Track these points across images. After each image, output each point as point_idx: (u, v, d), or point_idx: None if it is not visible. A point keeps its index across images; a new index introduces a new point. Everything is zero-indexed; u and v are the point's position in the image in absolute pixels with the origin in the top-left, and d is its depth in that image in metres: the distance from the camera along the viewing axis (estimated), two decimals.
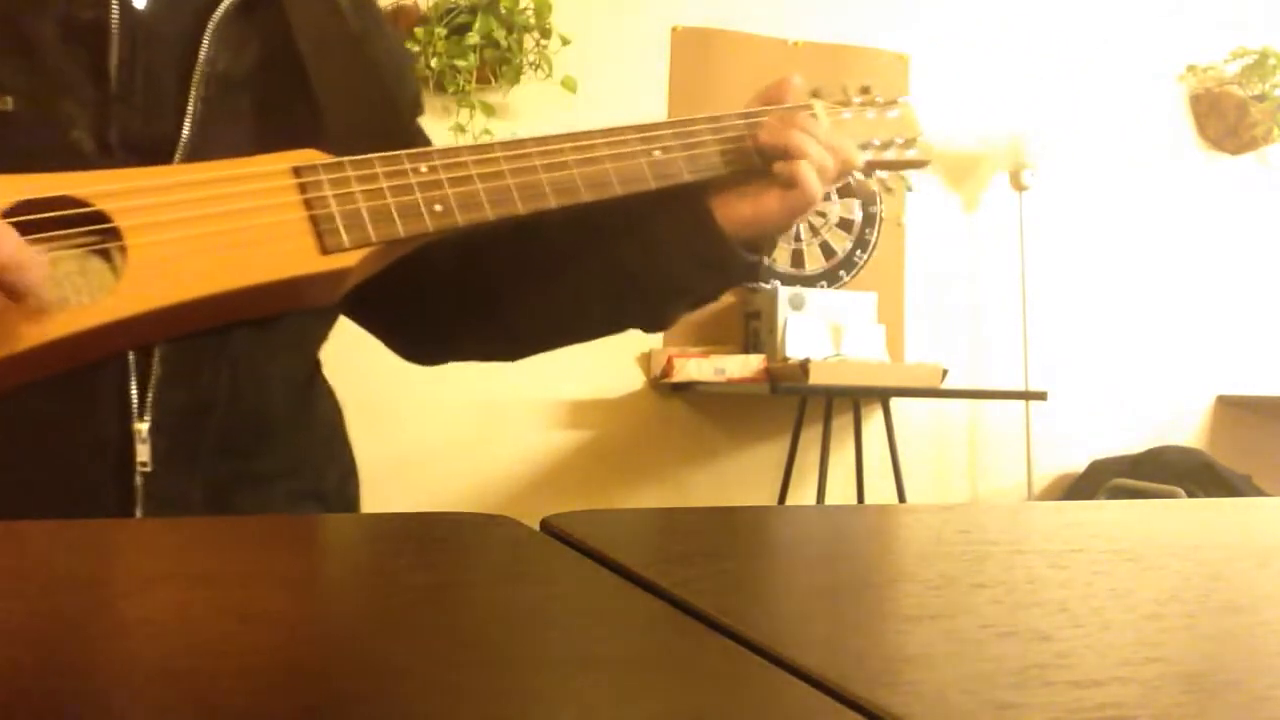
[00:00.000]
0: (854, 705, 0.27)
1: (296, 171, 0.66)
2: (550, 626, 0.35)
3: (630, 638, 0.35)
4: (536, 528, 0.48)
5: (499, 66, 2.76)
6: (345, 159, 0.67)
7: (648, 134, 0.79)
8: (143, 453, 0.69)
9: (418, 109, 0.92)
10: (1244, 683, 0.31)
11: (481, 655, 0.31)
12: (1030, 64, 3.37)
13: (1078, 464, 3.39)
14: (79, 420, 0.69)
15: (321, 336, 0.85)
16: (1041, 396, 2.95)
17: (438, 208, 0.69)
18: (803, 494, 3.02)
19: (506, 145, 0.73)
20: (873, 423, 3.03)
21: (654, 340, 3.03)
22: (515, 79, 2.80)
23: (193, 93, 0.72)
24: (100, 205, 0.61)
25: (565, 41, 2.83)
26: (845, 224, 3.23)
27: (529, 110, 2.87)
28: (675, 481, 3.07)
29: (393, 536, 0.51)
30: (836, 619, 0.37)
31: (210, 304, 0.62)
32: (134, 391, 0.69)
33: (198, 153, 0.71)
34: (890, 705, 0.27)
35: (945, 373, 2.88)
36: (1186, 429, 3.54)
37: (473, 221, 0.70)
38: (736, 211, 0.82)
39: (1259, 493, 3.15)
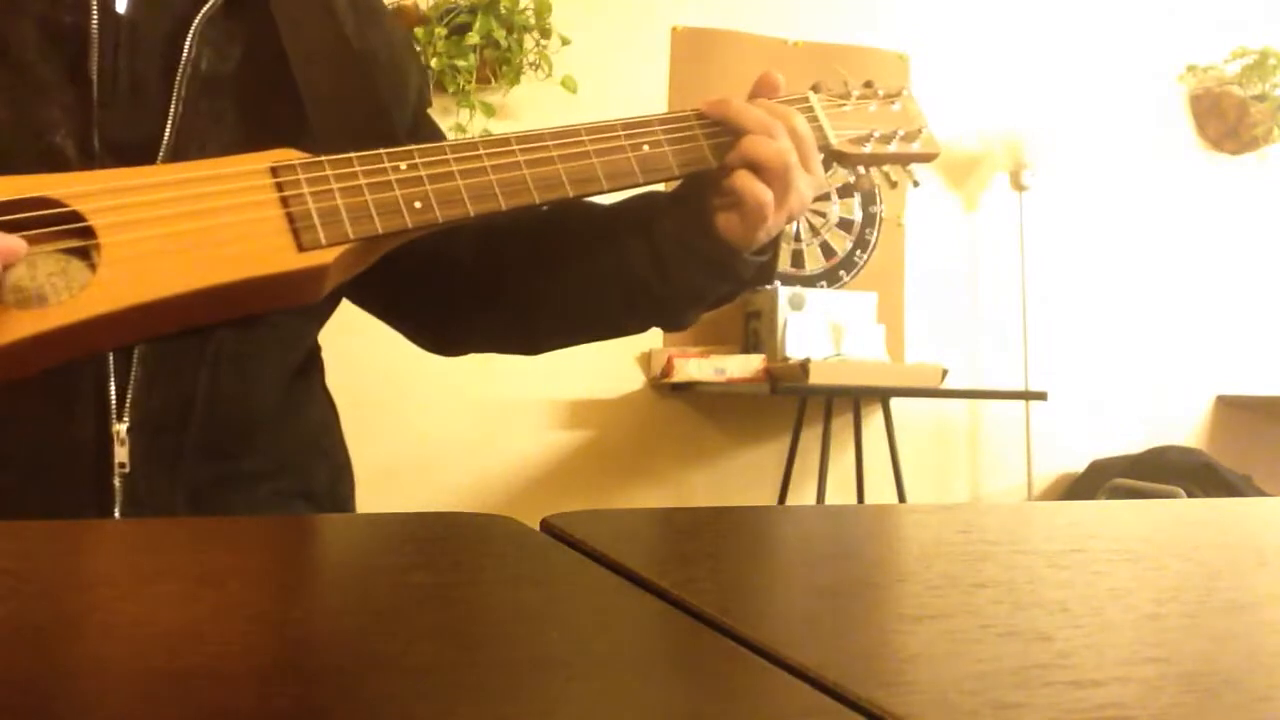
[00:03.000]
0: (854, 705, 0.27)
1: (274, 170, 0.66)
2: (550, 626, 0.35)
3: (630, 638, 0.35)
4: (536, 528, 0.48)
5: (499, 66, 2.76)
6: (324, 158, 0.67)
7: (635, 129, 0.78)
8: (121, 454, 0.68)
9: (424, 101, 0.92)
10: (1244, 683, 0.31)
11: (481, 655, 0.31)
12: (1030, 64, 3.37)
13: (1078, 464, 3.39)
14: (57, 421, 0.68)
15: (310, 335, 0.85)
16: (1041, 396, 2.95)
17: (417, 204, 0.68)
18: (803, 494, 3.02)
19: (489, 142, 0.73)
20: (873, 423, 3.03)
21: (654, 340, 3.03)
22: (515, 79, 2.80)
23: (175, 94, 0.71)
24: (75, 205, 0.61)
25: (565, 41, 2.83)
26: (845, 224, 3.23)
27: (529, 110, 2.87)
28: (675, 481, 3.06)
29: (393, 536, 0.51)
30: (836, 619, 0.37)
31: (186, 302, 0.62)
32: (113, 392, 0.69)
33: (180, 154, 0.71)
34: (890, 705, 0.27)
35: (945, 373, 2.88)
36: (1186, 429, 3.54)
37: (453, 218, 0.70)
38: (724, 218, 0.81)
39: (1259, 493, 3.15)
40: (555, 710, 0.27)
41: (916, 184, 0.96)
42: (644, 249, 0.83)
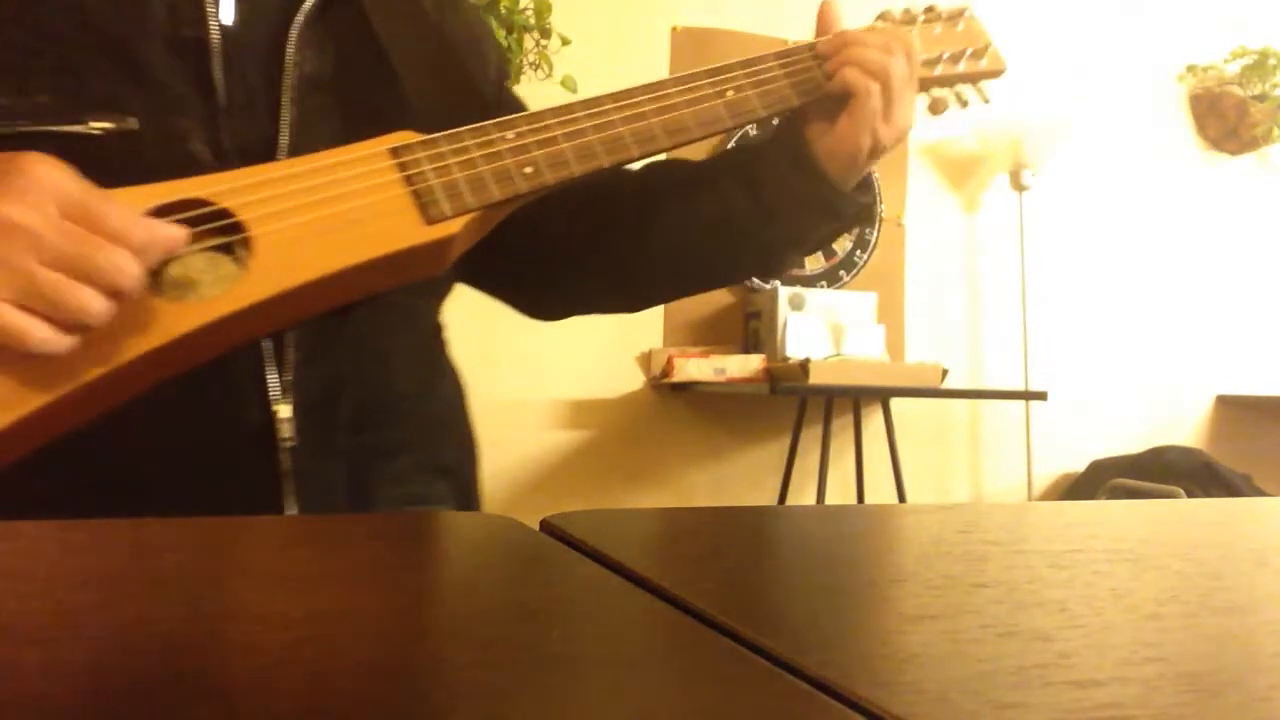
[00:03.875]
0: (854, 705, 0.27)
1: (394, 152, 0.70)
2: (551, 626, 0.35)
3: (630, 638, 0.35)
4: (536, 528, 0.48)
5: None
6: (438, 135, 0.72)
7: (718, 76, 0.82)
8: (285, 430, 0.72)
9: (504, 75, 0.97)
10: (1244, 683, 0.31)
11: (481, 655, 0.31)
12: (1030, 64, 3.37)
13: (1078, 464, 3.39)
14: (224, 407, 0.72)
15: (433, 312, 0.88)
16: (1041, 396, 2.95)
17: (528, 169, 0.73)
18: (803, 494, 3.02)
19: (586, 104, 0.77)
20: (873, 423, 3.03)
21: (654, 340, 3.03)
22: (515, 79, 2.80)
23: (285, 97, 0.76)
24: (223, 203, 0.65)
25: (565, 41, 2.84)
26: None
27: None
28: (675, 481, 3.07)
29: (393, 536, 0.51)
30: (836, 619, 0.37)
31: (332, 282, 0.66)
32: (273, 377, 0.73)
33: (298, 152, 0.74)
34: (890, 705, 0.27)
35: (945, 373, 2.88)
36: (1186, 429, 3.54)
37: (562, 178, 0.74)
38: (825, 144, 0.84)
39: (1259, 493, 3.15)
40: (555, 710, 0.27)
41: (987, 100, 0.99)
42: (745, 193, 0.87)
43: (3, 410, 0.58)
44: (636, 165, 0.84)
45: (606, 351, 2.98)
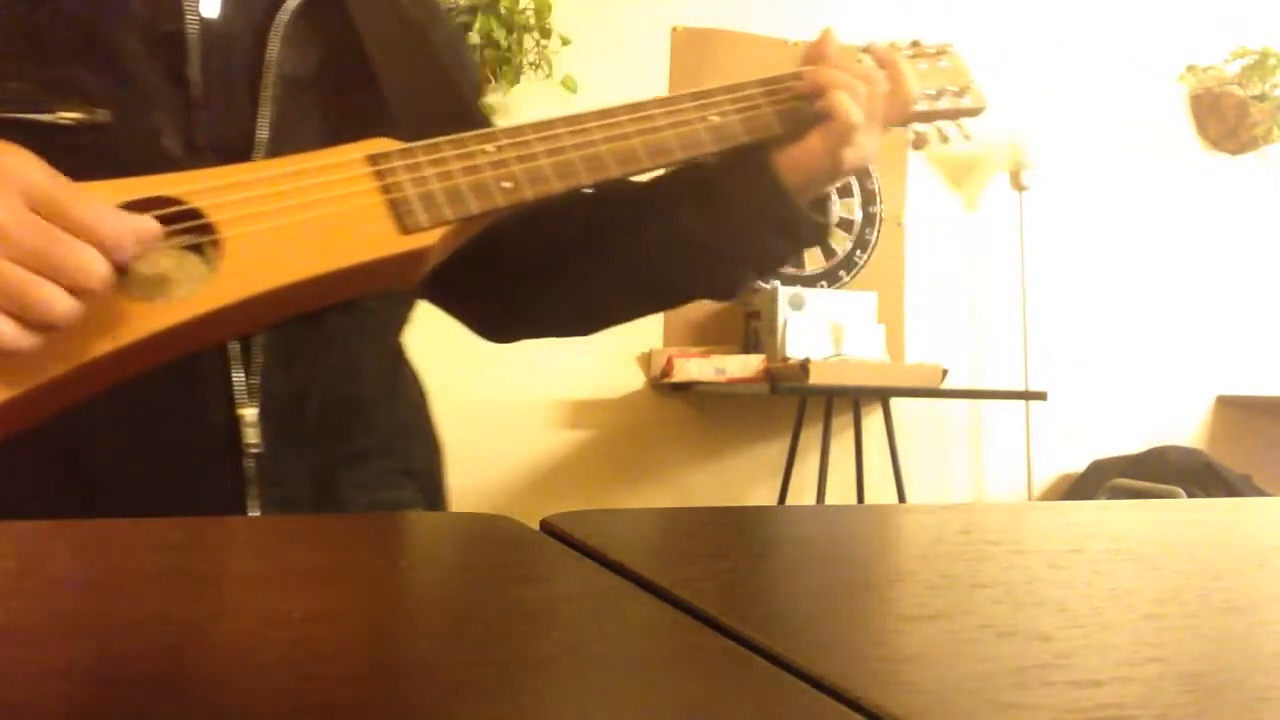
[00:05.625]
0: (854, 705, 0.27)
1: (371, 159, 0.69)
2: (550, 626, 0.35)
3: (630, 638, 0.35)
4: (536, 528, 0.48)
5: (499, 66, 2.76)
6: (416, 144, 0.70)
7: (703, 100, 0.81)
8: (251, 435, 0.72)
9: (479, 92, 0.94)
10: (1244, 683, 0.31)
11: (482, 655, 0.31)
12: (1030, 64, 3.37)
13: (1078, 464, 3.39)
14: (189, 409, 0.72)
15: (403, 320, 0.88)
16: (1041, 396, 2.95)
17: (506, 184, 0.72)
18: (803, 494, 3.02)
19: (568, 120, 0.76)
20: (873, 423, 3.03)
21: (654, 340, 3.03)
22: (515, 79, 2.80)
23: (265, 94, 0.75)
24: (194, 203, 0.64)
25: (565, 41, 2.84)
26: (845, 224, 3.23)
27: (529, 110, 2.87)
28: (675, 481, 3.06)
29: (393, 536, 0.51)
30: (836, 619, 0.37)
31: (303, 288, 0.65)
32: (239, 378, 0.72)
33: (276, 151, 0.74)
34: (890, 705, 0.27)
35: (945, 373, 2.88)
36: (1186, 429, 3.54)
37: (541, 194, 0.73)
38: (789, 160, 0.83)
39: (1259, 493, 3.15)
40: (555, 710, 0.27)
41: (969, 138, 0.98)
42: (701, 211, 0.86)
43: None
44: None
45: (606, 351, 2.98)
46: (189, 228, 0.63)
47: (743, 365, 2.88)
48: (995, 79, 3.68)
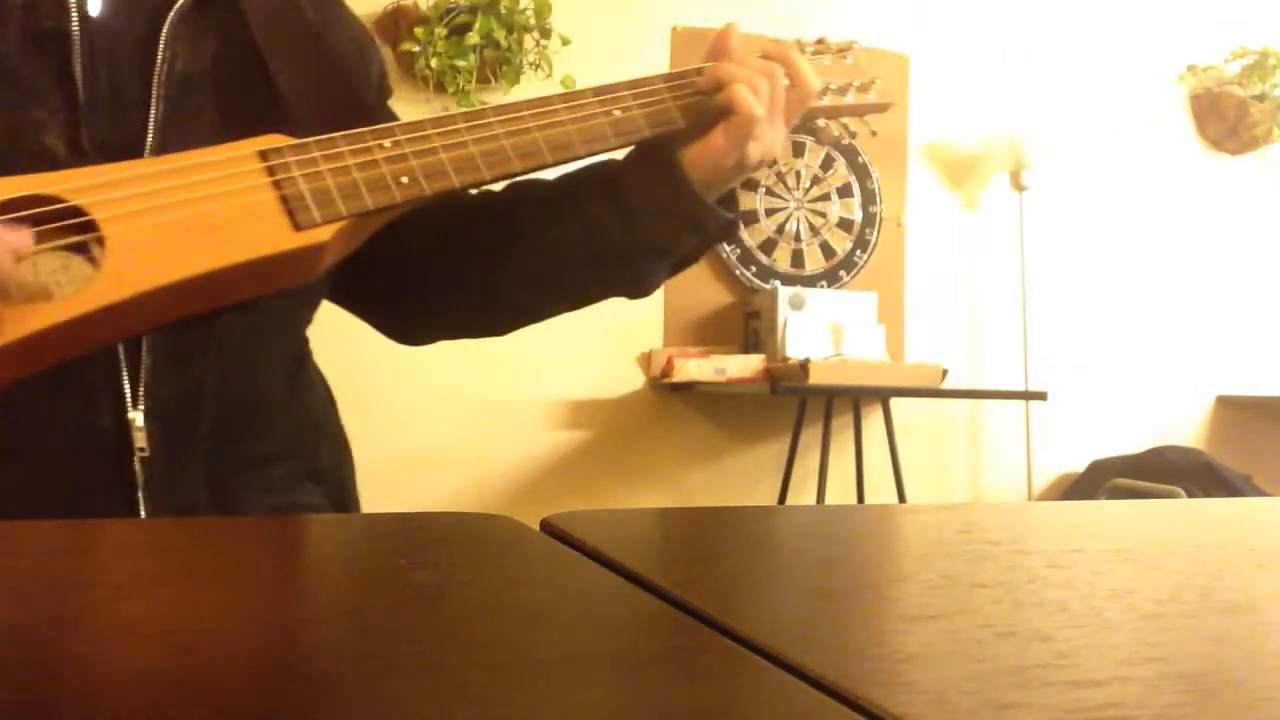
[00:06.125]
0: (854, 705, 0.27)
1: (263, 155, 0.68)
2: (550, 626, 0.35)
3: (630, 638, 0.35)
4: (536, 528, 0.48)
5: (499, 66, 2.76)
6: (310, 140, 0.69)
7: (606, 95, 0.81)
8: (139, 439, 0.70)
9: (385, 92, 0.94)
10: (1244, 683, 0.31)
11: (482, 655, 0.31)
12: (1030, 64, 3.37)
13: (1078, 464, 3.39)
14: (75, 412, 0.70)
15: (305, 320, 0.87)
16: (1041, 396, 2.95)
17: (404, 179, 0.71)
18: (803, 494, 3.02)
19: (468, 115, 0.75)
20: (873, 423, 3.03)
21: (654, 340, 3.03)
22: (515, 79, 2.80)
23: (155, 93, 0.73)
24: (74, 200, 0.62)
25: (565, 41, 2.84)
26: (845, 224, 3.23)
27: None
28: (675, 481, 3.06)
29: (393, 536, 0.51)
30: (836, 619, 0.37)
31: (191, 286, 0.63)
32: (126, 381, 0.71)
33: (166, 150, 0.72)
34: (890, 705, 0.27)
35: (945, 373, 2.88)
36: (1186, 429, 3.54)
37: (440, 190, 0.72)
38: (694, 156, 0.83)
39: (1259, 493, 3.15)
40: (555, 710, 0.27)
41: (874, 133, 1.00)
42: (609, 209, 0.85)
43: None
44: (498, 185, 0.83)
45: (606, 351, 2.98)
46: (69, 225, 0.62)
47: (743, 365, 2.88)
48: (995, 79, 3.68)
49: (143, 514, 0.71)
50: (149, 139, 0.72)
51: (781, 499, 3.02)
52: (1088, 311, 3.44)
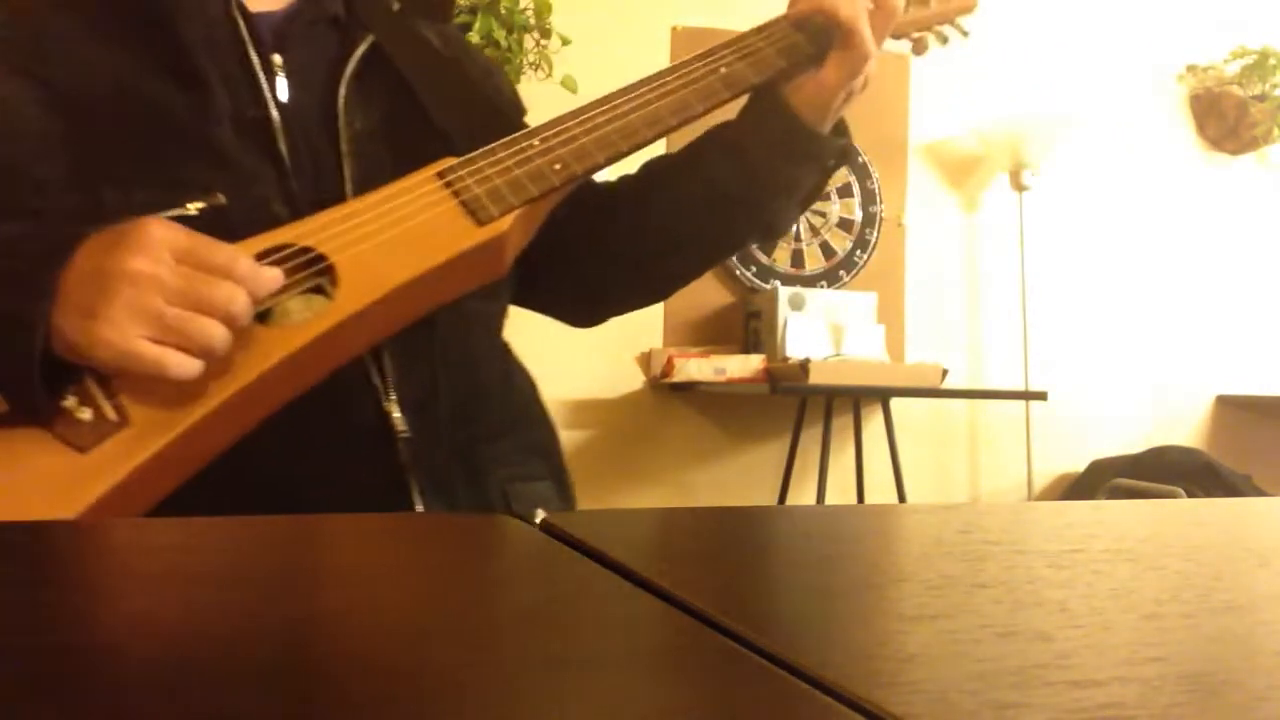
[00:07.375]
0: (854, 705, 0.27)
1: (440, 174, 0.82)
2: (550, 626, 0.35)
3: (630, 638, 0.35)
4: (536, 528, 0.48)
5: (499, 67, 2.76)
6: (475, 153, 0.83)
7: (709, 58, 0.93)
8: (399, 424, 0.83)
9: (522, 110, 1.07)
10: (1244, 683, 0.31)
11: (482, 655, 0.31)
12: (1030, 64, 3.37)
13: (1078, 464, 3.39)
14: (343, 412, 0.83)
15: (501, 315, 0.99)
16: (1041, 396, 2.95)
17: (557, 166, 0.84)
18: (803, 494, 3.02)
19: (598, 103, 0.88)
20: (873, 423, 3.03)
21: (654, 340, 3.03)
22: (515, 79, 2.80)
23: (343, 149, 0.87)
24: (305, 242, 0.77)
25: (565, 41, 2.84)
26: (845, 224, 3.23)
27: (529, 110, 2.87)
28: (675, 481, 3.07)
29: (393, 536, 0.51)
30: (836, 619, 0.37)
31: (409, 291, 0.77)
32: (378, 381, 0.84)
33: (362, 194, 0.85)
34: (890, 705, 0.27)
35: (945, 373, 2.88)
36: (1186, 429, 3.54)
37: (589, 167, 0.86)
38: (804, 93, 0.93)
39: (1259, 493, 3.15)
40: (556, 710, 0.27)
41: (966, 34, 1.08)
42: (728, 159, 0.97)
43: (157, 431, 0.69)
44: (633, 165, 0.94)
45: (606, 351, 2.98)
46: (305, 261, 0.76)
47: (743, 365, 2.88)
48: (996, 79, 3.68)
49: (413, 489, 0.83)
50: (348, 189, 0.85)
51: (781, 499, 3.02)
52: (1088, 311, 3.44)
